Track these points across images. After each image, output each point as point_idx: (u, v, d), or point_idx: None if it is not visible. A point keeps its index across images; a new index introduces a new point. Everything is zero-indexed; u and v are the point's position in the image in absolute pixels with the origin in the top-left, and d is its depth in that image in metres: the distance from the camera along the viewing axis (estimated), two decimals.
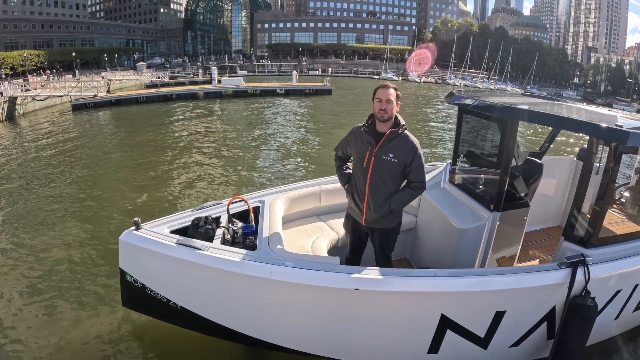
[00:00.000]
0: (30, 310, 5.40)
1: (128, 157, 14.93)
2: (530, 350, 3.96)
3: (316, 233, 4.89)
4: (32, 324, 5.11)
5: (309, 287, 3.28)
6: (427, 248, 5.01)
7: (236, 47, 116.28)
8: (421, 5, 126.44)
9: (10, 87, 28.67)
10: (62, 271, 6.44)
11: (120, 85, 48.52)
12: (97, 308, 5.44)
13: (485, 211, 4.25)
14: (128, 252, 3.83)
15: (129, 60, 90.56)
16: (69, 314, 5.30)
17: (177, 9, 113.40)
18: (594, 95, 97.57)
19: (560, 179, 6.24)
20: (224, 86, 39.63)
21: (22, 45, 70.01)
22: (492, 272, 3.51)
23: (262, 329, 3.76)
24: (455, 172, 5.04)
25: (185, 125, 22.71)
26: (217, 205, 4.62)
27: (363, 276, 3.27)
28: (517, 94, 6.94)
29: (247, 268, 3.37)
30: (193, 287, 3.73)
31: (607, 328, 4.35)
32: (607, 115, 4.66)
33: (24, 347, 4.69)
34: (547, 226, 6.28)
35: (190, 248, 3.54)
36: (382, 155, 3.52)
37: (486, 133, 4.85)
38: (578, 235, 3.88)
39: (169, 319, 4.14)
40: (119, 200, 9.89)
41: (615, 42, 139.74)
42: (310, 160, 14.49)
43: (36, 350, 4.66)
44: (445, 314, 3.40)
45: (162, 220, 4.21)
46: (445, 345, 3.58)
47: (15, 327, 5.04)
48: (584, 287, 3.52)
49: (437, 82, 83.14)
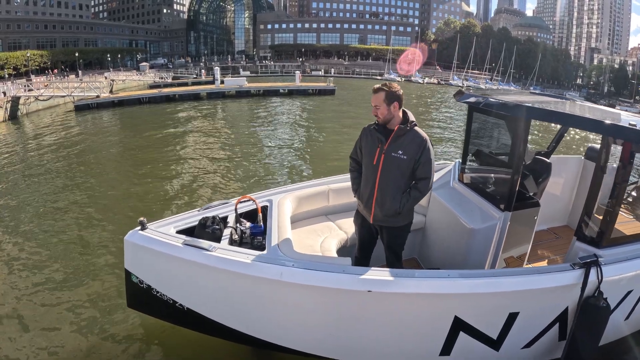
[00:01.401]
0: (34, 310, 5.36)
1: (132, 157, 14.92)
2: (543, 351, 3.91)
3: (325, 233, 4.83)
4: (36, 324, 5.07)
5: (321, 289, 3.23)
6: (436, 248, 4.95)
7: (239, 48, 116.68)
8: (424, 6, 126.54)
9: (14, 87, 28.71)
10: (66, 271, 6.40)
11: (123, 85, 48.58)
12: (101, 309, 5.40)
13: (496, 211, 4.19)
14: (133, 253, 3.79)
15: (132, 60, 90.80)
16: (74, 315, 5.26)
17: (180, 9, 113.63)
18: (597, 97, 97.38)
19: (568, 178, 6.18)
20: (227, 86, 39.67)
21: (25, 46, 70.16)
22: (505, 273, 3.45)
23: (270, 331, 3.71)
24: (464, 171, 4.98)
25: (189, 125, 22.72)
26: (225, 204, 4.57)
27: (376, 277, 3.21)
28: (525, 92, 6.87)
29: (256, 269, 3.32)
30: (200, 289, 3.68)
31: (618, 328, 4.30)
32: (612, 113, 4.61)
33: (28, 348, 4.66)
34: (554, 225, 6.22)
35: (197, 249, 3.49)
36: (391, 153, 3.49)
37: (496, 132, 4.79)
38: (590, 235, 3.84)
39: (175, 320, 4.10)
40: (124, 200, 9.88)
41: (618, 43, 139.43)
42: (316, 160, 14.48)
43: (39, 351, 4.62)
44: (459, 316, 3.35)
45: (168, 220, 4.17)
46: (457, 347, 3.53)
47: (18, 327, 5.01)
48: (597, 288, 3.47)
49: (440, 83, 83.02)
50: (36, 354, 4.57)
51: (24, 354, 4.57)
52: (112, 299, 5.61)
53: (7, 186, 11.06)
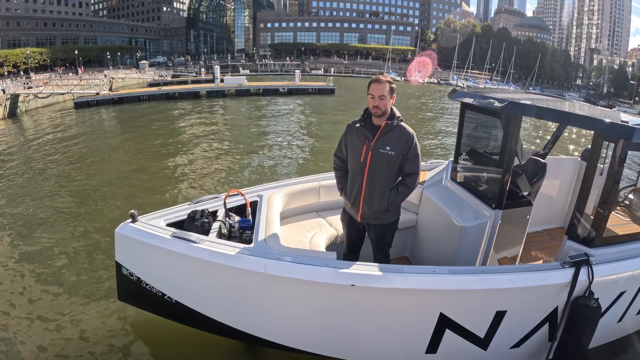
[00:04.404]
0: (25, 304, 5.34)
1: (128, 153, 14.89)
2: (531, 351, 3.85)
3: (315, 229, 4.81)
4: (25, 316, 5.05)
5: (304, 282, 3.19)
6: (427, 246, 4.92)
7: (239, 47, 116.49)
8: (424, 6, 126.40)
9: (13, 84, 28.68)
10: (59, 264, 6.39)
11: (123, 83, 48.49)
12: (92, 302, 5.38)
13: (487, 209, 4.15)
14: (124, 245, 3.77)
15: (132, 58, 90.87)
16: (65, 309, 5.24)
17: (179, 7, 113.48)
18: (597, 97, 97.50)
19: (564, 179, 6.15)
20: (227, 85, 39.61)
21: (25, 43, 70.22)
22: (493, 271, 3.41)
23: (256, 325, 3.67)
24: (457, 170, 4.94)
25: (187, 123, 22.68)
26: (215, 199, 4.55)
27: (360, 272, 3.18)
28: (520, 91, 6.83)
29: (241, 262, 3.29)
30: (187, 281, 3.66)
31: (610, 331, 4.24)
32: (609, 112, 4.57)
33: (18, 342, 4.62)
34: (550, 227, 6.18)
35: (186, 241, 3.48)
36: (379, 149, 3.44)
37: (489, 130, 4.76)
38: (582, 234, 3.77)
39: (164, 313, 4.07)
40: (118, 194, 9.89)
41: (618, 44, 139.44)
42: (312, 158, 14.45)
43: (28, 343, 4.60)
44: (444, 313, 3.30)
45: (159, 213, 4.16)
46: (443, 345, 3.49)
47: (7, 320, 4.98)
48: (587, 288, 3.42)
49: (440, 83, 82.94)
50: (24, 346, 4.54)
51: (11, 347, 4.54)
52: (102, 292, 5.59)
53: (5, 182, 11.05)
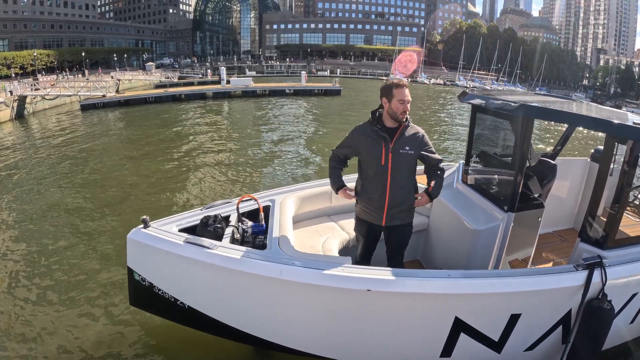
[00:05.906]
0: (37, 309, 5.38)
1: (136, 156, 14.94)
2: (545, 354, 3.85)
3: (327, 233, 4.80)
4: (39, 323, 5.08)
5: (320, 287, 3.20)
6: (439, 249, 4.91)
7: (245, 48, 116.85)
8: (430, 7, 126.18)
9: (20, 86, 28.89)
10: (69, 268, 6.43)
11: (130, 85, 48.76)
12: (104, 307, 5.42)
13: (499, 212, 4.14)
14: (136, 251, 3.79)
15: (138, 60, 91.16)
16: (76, 313, 5.28)
17: (186, 9, 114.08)
18: (603, 98, 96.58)
19: (574, 180, 6.11)
20: (233, 86, 39.77)
21: (32, 45, 70.51)
22: (507, 274, 3.41)
23: (270, 330, 3.69)
24: (468, 172, 4.92)
25: (195, 125, 22.76)
26: (227, 204, 4.56)
27: (375, 277, 3.19)
28: (530, 93, 6.80)
29: (256, 267, 3.31)
30: (201, 287, 3.68)
31: (622, 333, 4.22)
32: (618, 113, 4.55)
33: (30, 346, 4.67)
34: (560, 228, 6.15)
35: (199, 247, 3.49)
36: (399, 149, 3.45)
37: (500, 132, 4.74)
38: (594, 236, 3.76)
39: (177, 318, 4.09)
40: (128, 198, 9.92)
41: (624, 44, 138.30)
42: (321, 160, 14.41)
43: (40, 348, 4.64)
44: (459, 317, 3.31)
45: (171, 218, 4.18)
46: (458, 348, 3.49)
47: (22, 326, 5.02)
48: (600, 290, 3.41)
49: (446, 84, 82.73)
50: (36, 352, 4.58)
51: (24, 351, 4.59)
52: (114, 297, 5.62)
53: (13, 184, 11.11)
